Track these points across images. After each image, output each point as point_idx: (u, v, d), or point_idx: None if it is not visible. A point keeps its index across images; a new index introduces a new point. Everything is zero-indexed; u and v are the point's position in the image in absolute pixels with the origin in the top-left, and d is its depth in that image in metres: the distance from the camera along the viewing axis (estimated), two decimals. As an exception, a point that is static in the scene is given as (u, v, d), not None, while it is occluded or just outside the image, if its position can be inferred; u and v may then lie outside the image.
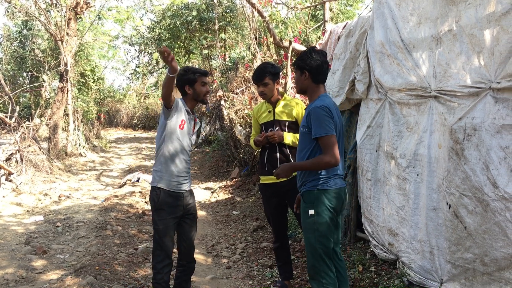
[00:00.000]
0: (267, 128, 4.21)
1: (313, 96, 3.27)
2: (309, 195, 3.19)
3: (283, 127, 4.18)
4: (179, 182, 3.64)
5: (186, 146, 3.69)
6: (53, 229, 6.57)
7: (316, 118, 3.09)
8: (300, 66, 3.25)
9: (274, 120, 4.19)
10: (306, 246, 3.21)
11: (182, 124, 3.63)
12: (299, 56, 3.28)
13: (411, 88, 3.93)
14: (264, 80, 4.08)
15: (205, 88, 3.70)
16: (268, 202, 4.31)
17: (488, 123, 3.05)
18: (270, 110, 4.23)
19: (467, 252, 3.25)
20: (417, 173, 3.89)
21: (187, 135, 3.70)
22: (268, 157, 4.21)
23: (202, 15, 15.21)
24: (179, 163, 3.64)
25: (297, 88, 3.35)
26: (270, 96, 4.15)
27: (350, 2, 13.80)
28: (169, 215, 3.59)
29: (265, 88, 4.11)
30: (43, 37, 17.74)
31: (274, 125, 4.19)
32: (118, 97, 27.97)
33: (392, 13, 4.24)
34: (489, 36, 3.06)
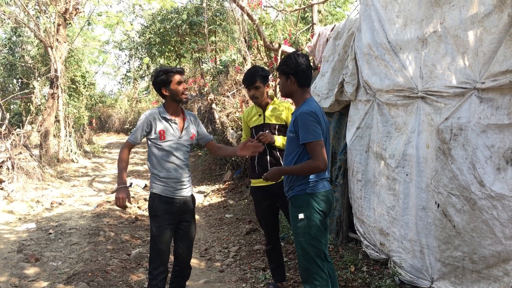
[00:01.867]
0: (257, 131, 4.17)
1: (299, 100, 3.27)
2: (298, 199, 3.19)
3: (273, 130, 4.17)
4: (175, 188, 3.59)
5: (177, 153, 3.61)
6: (46, 236, 6.55)
7: (304, 123, 3.08)
8: (285, 71, 3.23)
9: (264, 124, 4.19)
10: (297, 250, 3.22)
11: (162, 135, 3.57)
12: (283, 61, 3.28)
13: (399, 89, 3.97)
14: (255, 84, 4.06)
15: (181, 86, 3.59)
16: (259, 204, 4.31)
17: (474, 123, 3.09)
18: (260, 114, 4.23)
19: (456, 251, 3.29)
20: (406, 173, 3.93)
21: (175, 141, 3.61)
22: (258, 160, 4.21)
23: (192, 19, 15.20)
24: (172, 170, 3.59)
25: (282, 93, 3.34)
26: (261, 99, 4.14)
27: (339, 4, 13.88)
28: (164, 221, 3.56)
29: (256, 92, 4.09)
30: (33, 43, 17.64)
31: (264, 129, 4.17)
32: (109, 102, 27.87)
33: (379, 15, 4.29)
34: (473, 37, 3.11)
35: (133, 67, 22.11)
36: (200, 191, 9.99)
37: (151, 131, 3.58)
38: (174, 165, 3.60)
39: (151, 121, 3.58)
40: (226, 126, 10.27)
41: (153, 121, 3.59)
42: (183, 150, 3.66)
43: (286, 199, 3.82)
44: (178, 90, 3.58)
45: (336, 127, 5.41)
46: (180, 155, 3.64)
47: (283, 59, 3.25)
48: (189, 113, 3.82)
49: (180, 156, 3.64)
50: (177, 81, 3.57)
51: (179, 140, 3.64)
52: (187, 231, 3.73)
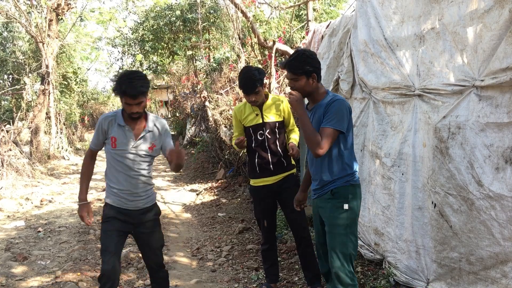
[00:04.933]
0: (256, 131, 4.07)
1: (320, 94, 3.13)
2: (343, 190, 3.07)
3: (273, 129, 4.08)
4: (127, 199, 3.33)
5: (129, 163, 3.30)
6: (34, 234, 6.43)
7: (337, 110, 2.98)
8: (308, 71, 3.03)
9: (264, 123, 4.07)
10: (332, 245, 3.05)
11: (114, 142, 3.29)
12: (301, 62, 3.03)
13: (395, 87, 3.91)
14: (256, 90, 3.92)
15: (128, 108, 3.18)
16: (259, 204, 4.22)
17: (472, 121, 3.03)
18: (257, 113, 4.08)
19: (453, 251, 3.23)
20: (402, 172, 3.86)
21: (127, 150, 3.29)
22: (258, 160, 4.10)
23: (185, 15, 15.11)
24: (123, 181, 3.31)
25: (304, 94, 3.10)
26: (260, 101, 4.03)
27: (333, 2, 13.83)
28: (112, 226, 3.34)
29: (256, 96, 3.96)
30: (24, 39, 17.49)
31: (264, 128, 4.06)
32: (102, 99, 27.73)
33: (375, 11, 4.22)
34: (472, 33, 3.05)
35: (126, 64, 21.93)
36: (193, 189, 9.90)
37: (107, 136, 3.32)
38: (125, 176, 3.32)
39: (106, 125, 3.32)
40: (220, 124, 10.18)
41: (108, 125, 3.32)
42: (138, 161, 3.33)
43: (288, 195, 3.94)
44: (126, 109, 3.22)
45: (330, 125, 5.33)
46: (134, 165, 3.32)
47: (297, 59, 3.03)
48: (158, 121, 3.45)
49: (134, 167, 3.32)
50: (124, 102, 3.16)
51: (133, 150, 3.31)
52: (147, 241, 3.47)
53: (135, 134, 3.32)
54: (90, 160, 3.51)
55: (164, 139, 3.44)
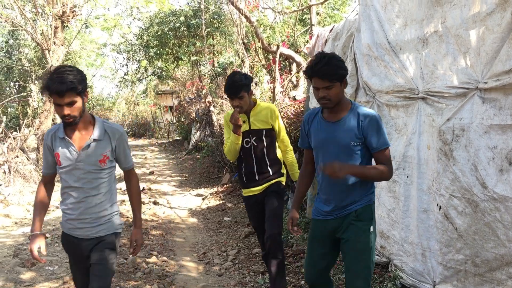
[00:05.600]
0: (243, 138, 3.96)
1: (346, 103, 2.87)
2: (368, 210, 2.89)
3: (260, 136, 3.96)
4: (75, 226, 2.85)
5: (75, 182, 2.80)
6: (42, 240, 6.47)
7: (380, 127, 2.78)
8: (343, 76, 2.76)
9: (250, 130, 3.95)
10: (357, 270, 2.82)
11: (58, 158, 2.80)
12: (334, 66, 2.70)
13: (399, 90, 3.92)
14: (240, 94, 3.80)
15: (58, 110, 2.64)
16: (251, 211, 4.20)
17: (476, 124, 3.04)
18: (245, 120, 3.95)
19: (459, 254, 3.23)
20: (407, 175, 3.88)
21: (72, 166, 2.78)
22: (245, 169, 4.06)
23: (189, 21, 15.19)
24: (69, 203, 2.84)
25: (336, 101, 2.78)
26: (245, 108, 3.89)
27: (337, 6, 13.87)
28: (72, 260, 3.00)
29: (241, 101, 3.82)
30: (30, 46, 17.64)
31: (250, 135, 3.95)
32: (107, 105, 27.88)
33: (378, 15, 4.24)
34: (475, 36, 3.06)
35: (131, 70, 22.07)
36: (198, 194, 9.93)
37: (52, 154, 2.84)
38: (72, 198, 2.83)
39: (50, 141, 2.83)
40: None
41: (52, 140, 2.83)
42: (89, 179, 2.80)
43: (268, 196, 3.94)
44: (57, 112, 2.68)
45: (335, 129, 5.35)
46: (83, 185, 2.80)
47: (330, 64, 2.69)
48: (109, 128, 2.89)
49: (82, 187, 2.80)
50: (53, 103, 2.66)
51: (77, 164, 2.78)
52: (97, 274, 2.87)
53: (78, 145, 2.79)
54: (42, 188, 2.96)
55: (119, 151, 2.92)
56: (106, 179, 2.88)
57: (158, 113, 27.50)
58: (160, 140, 25.06)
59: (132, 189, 3.11)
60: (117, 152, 2.90)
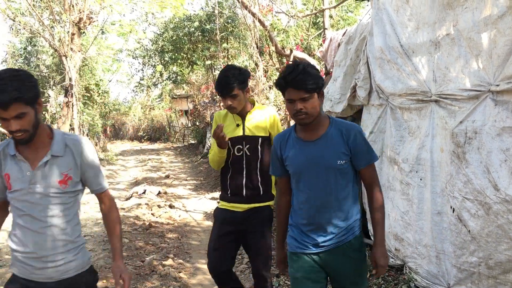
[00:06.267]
0: (235, 144, 3.33)
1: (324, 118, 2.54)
2: (361, 238, 2.59)
3: (255, 145, 3.34)
4: (34, 266, 2.23)
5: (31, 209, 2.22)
6: (61, 243, 6.59)
7: (366, 139, 2.53)
8: (320, 85, 2.42)
9: (244, 136, 3.33)
10: None
11: (7, 181, 2.23)
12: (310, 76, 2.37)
13: (412, 92, 3.94)
14: (232, 92, 3.18)
15: (4, 125, 2.09)
16: (221, 230, 3.42)
17: (489, 126, 3.05)
18: (239, 124, 3.35)
19: (472, 256, 3.24)
20: (420, 177, 3.89)
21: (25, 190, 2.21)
22: (231, 181, 3.40)
23: (204, 26, 15.31)
24: (22, 237, 2.24)
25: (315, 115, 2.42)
26: (239, 108, 3.28)
27: (350, 9, 13.85)
28: None
29: (234, 101, 3.21)
30: (48, 53, 17.92)
31: (244, 142, 3.32)
32: (123, 110, 28.18)
33: (391, 19, 4.27)
34: (487, 39, 3.08)
35: (147, 75, 22.31)
36: (213, 197, 10.00)
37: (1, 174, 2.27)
38: (29, 231, 2.23)
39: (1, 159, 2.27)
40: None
41: (1, 160, 2.27)
42: (46, 205, 2.22)
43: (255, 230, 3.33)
44: (3, 127, 2.13)
45: (349, 132, 5.37)
46: (39, 213, 2.22)
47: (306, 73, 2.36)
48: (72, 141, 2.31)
49: (39, 215, 2.22)
50: None
51: (32, 187, 2.21)
52: None
53: (32, 164, 2.22)
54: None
55: (85, 169, 2.35)
56: (70, 205, 2.32)
57: (173, 117, 27.71)
58: (175, 144, 25.27)
59: (108, 217, 2.57)
60: (82, 171, 2.33)
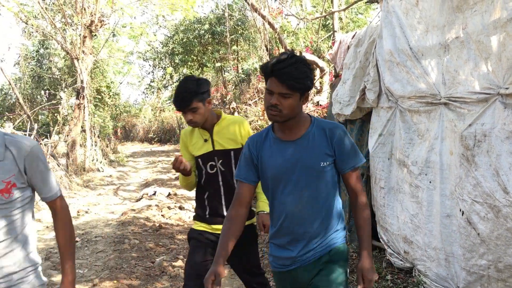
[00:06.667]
0: (207, 162, 3.06)
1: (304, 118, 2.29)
2: (343, 250, 2.30)
3: (228, 159, 3.07)
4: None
5: None
6: (72, 244, 6.67)
7: (351, 139, 2.28)
8: (307, 87, 2.16)
9: (215, 151, 3.06)
10: None
11: None
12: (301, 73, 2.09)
13: (421, 95, 3.94)
14: (191, 106, 2.91)
15: None
16: (197, 254, 3.06)
17: (498, 129, 3.05)
18: (206, 139, 3.08)
19: (481, 259, 3.23)
20: (430, 180, 3.88)
21: None
22: (209, 201, 3.12)
23: (214, 28, 15.40)
24: None
25: (291, 115, 2.16)
26: (202, 122, 3.00)
27: (360, 11, 13.85)
28: None
29: (194, 115, 2.94)
30: (60, 55, 18.12)
31: (216, 158, 3.06)
32: (134, 112, 28.32)
33: (400, 21, 4.27)
34: (496, 42, 3.08)
35: (157, 77, 22.44)
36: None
37: None
38: None
39: None
40: (249, 134, 10.31)
41: None
42: None
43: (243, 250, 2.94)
44: None
45: (358, 134, 5.38)
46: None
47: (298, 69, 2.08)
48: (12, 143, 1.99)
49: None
50: None
51: None
52: None
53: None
54: None
55: (32, 174, 2.04)
56: (17, 216, 2.01)
57: (183, 119, 27.74)
58: (185, 146, 25.26)
59: (59, 227, 2.17)
60: (29, 176, 2.03)
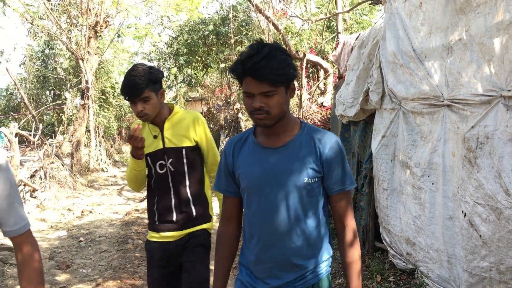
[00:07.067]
0: (156, 161, 2.72)
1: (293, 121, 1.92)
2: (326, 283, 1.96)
3: (180, 158, 2.73)
4: None
5: None
6: (76, 244, 6.71)
7: (345, 156, 1.89)
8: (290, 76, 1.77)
9: (165, 149, 2.72)
10: None
11: None
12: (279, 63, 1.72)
13: (424, 97, 3.95)
14: (142, 94, 2.56)
15: None
16: (154, 266, 2.80)
17: (501, 131, 3.05)
18: (156, 135, 2.74)
19: (483, 261, 3.23)
20: (432, 181, 3.89)
21: None
22: (158, 205, 2.77)
23: (218, 29, 15.43)
24: None
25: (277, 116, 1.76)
26: (153, 114, 2.66)
27: (365, 12, 13.84)
28: None
29: (145, 105, 2.60)
30: (65, 56, 18.21)
31: (166, 156, 2.72)
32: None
33: (403, 23, 4.28)
34: (499, 44, 3.08)
35: (161, 78, 22.45)
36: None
37: None
38: None
39: None
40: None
41: None
42: None
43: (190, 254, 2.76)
44: None
45: (361, 135, 5.39)
46: None
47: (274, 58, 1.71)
48: None
49: None
50: None
51: None
52: None
53: None
54: None
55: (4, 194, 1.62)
56: None
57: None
58: (189, 146, 25.31)
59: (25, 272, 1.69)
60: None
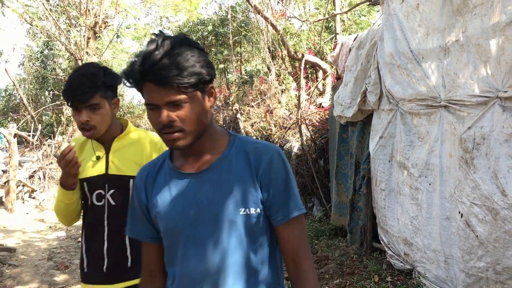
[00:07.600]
0: (93, 189, 2.13)
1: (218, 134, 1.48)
2: None
3: (124, 189, 2.12)
4: None
5: None
6: (75, 244, 6.71)
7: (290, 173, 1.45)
8: (208, 75, 1.40)
9: (107, 176, 2.13)
10: None
11: None
12: (186, 60, 1.29)
13: (421, 98, 3.96)
14: (91, 100, 2.00)
15: None
16: None
17: (497, 132, 3.07)
18: (99, 156, 2.16)
19: (480, 261, 3.25)
20: (429, 182, 3.90)
21: None
22: (88, 248, 2.17)
23: (217, 30, 15.43)
24: None
25: (200, 128, 1.37)
26: (102, 130, 2.09)
27: (363, 13, 13.85)
28: None
29: (93, 115, 2.03)
30: (64, 56, 18.21)
31: (106, 185, 2.12)
32: (137, 113, 28.38)
33: (401, 24, 4.29)
34: (495, 45, 3.09)
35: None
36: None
37: None
38: None
39: None
40: (251, 136, 10.35)
41: None
42: None
43: None
44: None
45: (359, 136, 5.40)
46: None
47: (181, 53, 1.30)
48: None
49: None
50: None
51: None
52: None
53: None
54: None
55: None
56: None
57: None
58: (188, 147, 25.30)
59: None
60: None
